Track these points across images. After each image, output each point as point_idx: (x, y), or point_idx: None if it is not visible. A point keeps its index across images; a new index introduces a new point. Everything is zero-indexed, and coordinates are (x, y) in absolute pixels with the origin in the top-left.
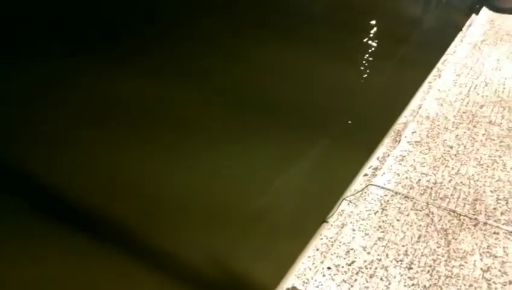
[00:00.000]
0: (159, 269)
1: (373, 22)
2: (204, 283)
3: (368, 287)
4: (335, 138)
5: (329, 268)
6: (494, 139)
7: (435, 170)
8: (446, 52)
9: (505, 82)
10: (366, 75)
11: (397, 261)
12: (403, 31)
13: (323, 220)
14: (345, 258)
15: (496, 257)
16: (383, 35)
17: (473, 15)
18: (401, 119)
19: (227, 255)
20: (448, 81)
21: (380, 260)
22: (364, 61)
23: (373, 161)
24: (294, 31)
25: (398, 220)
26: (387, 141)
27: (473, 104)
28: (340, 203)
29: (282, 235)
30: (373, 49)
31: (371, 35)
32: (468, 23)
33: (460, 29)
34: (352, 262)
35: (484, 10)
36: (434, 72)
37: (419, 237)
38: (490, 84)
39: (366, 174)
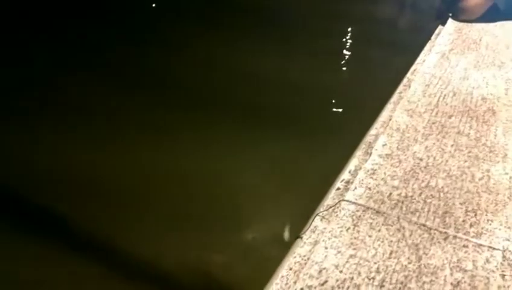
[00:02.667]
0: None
1: (345, 27)
2: None
3: None
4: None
5: (302, 289)
6: (462, 150)
7: (405, 183)
8: (415, 62)
9: (472, 91)
10: (336, 82)
11: (369, 279)
12: (374, 36)
13: (297, 235)
14: (317, 278)
15: (465, 271)
16: (354, 40)
17: (439, 25)
18: (372, 131)
19: (196, 273)
20: (418, 91)
21: (352, 278)
22: (335, 68)
23: (345, 174)
24: (264, 33)
25: (369, 236)
26: (358, 153)
27: (442, 114)
28: (313, 219)
29: (256, 250)
30: (345, 55)
31: (343, 39)
32: (436, 32)
33: (430, 38)
34: (325, 282)
35: (450, 20)
36: (404, 82)
37: (390, 253)
38: (458, 94)
39: (338, 188)
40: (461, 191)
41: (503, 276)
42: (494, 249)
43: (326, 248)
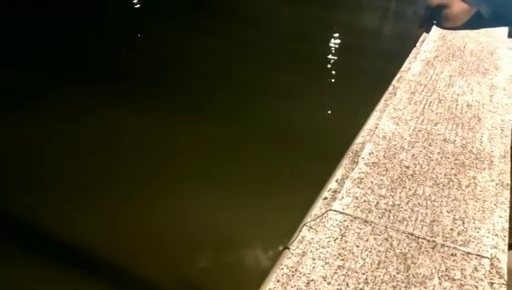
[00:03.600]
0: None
1: (330, 35)
2: None
3: None
4: (293, 154)
5: None
6: (449, 157)
7: (392, 191)
8: (401, 69)
9: (457, 98)
10: (321, 88)
11: None
12: (360, 44)
13: (285, 246)
14: None
15: (454, 279)
16: (340, 49)
17: (424, 33)
18: (359, 139)
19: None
20: (404, 99)
21: None
22: (322, 76)
23: (332, 184)
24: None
25: (357, 246)
26: (345, 162)
27: (428, 121)
28: (300, 229)
29: (244, 262)
30: (330, 62)
31: (328, 47)
32: (421, 39)
33: (415, 45)
34: None
35: (435, 27)
36: (390, 89)
37: (378, 263)
38: (444, 101)
39: (325, 198)
40: (448, 199)
41: (491, 284)
42: (482, 257)
43: (313, 259)
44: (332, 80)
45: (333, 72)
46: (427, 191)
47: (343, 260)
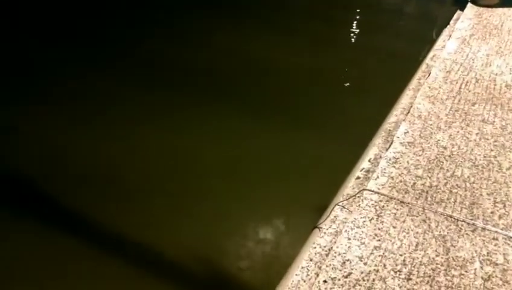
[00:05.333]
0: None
1: (353, 14)
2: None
3: None
4: (319, 133)
5: (325, 282)
6: (488, 139)
7: (429, 172)
8: (434, 48)
9: (495, 78)
10: (347, 69)
11: (395, 272)
12: (385, 23)
13: (314, 225)
14: (341, 270)
15: (496, 264)
16: (364, 27)
17: (458, 11)
18: (392, 118)
19: (215, 261)
20: (439, 78)
21: (377, 271)
22: (345, 55)
23: (364, 163)
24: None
25: (394, 227)
26: (378, 141)
27: (465, 101)
28: (332, 209)
29: (272, 239)
30: (353, 41)
31: (351, 27)
32: (455, 17)
33: (448, 23)
34: (349, 274)
35: (470, 5)
36: (423, 68)
37: (416, 245)
38: (481, 81)
39: (358, 177)
40: (488, 182)
41: None
42: None
43: (349, 238)
44: (360, 60)
45: (360, 52)
46: (466, 173)
47: (379, 240)
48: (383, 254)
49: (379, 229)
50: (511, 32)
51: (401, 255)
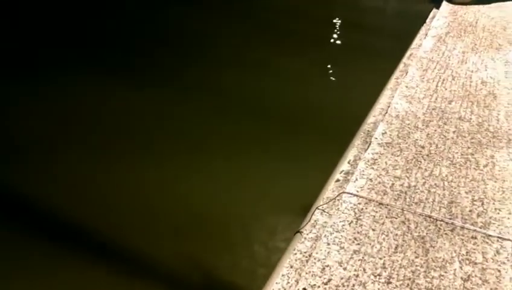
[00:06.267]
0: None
1: (334, 13)
2: None
3: None
4: (300, 136)
5: (304, 289)
6: (465, 136)
7: (408, 172)
8: (411, 46)
9: (471, 75)
10: (329, 69)
11: (375, 276)
12: (365, 21)
13: (296, 230)
14: (320, 277)
15: (475, 263)
16: (344, 26)
17: (434, 9)
18: (370, 118)
19: (200, 267)
20: (416, 76)
21: (357, 275)
22: (327, 55)
23: (344, 165)
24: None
25: (373, 230)
26: (357, 142)
27: (442, 99)
28: (313, 213)
29: (255, 245)
30: (336, 41)
31: (334, 26)
32: (431, 15)
33: (424, 21)
34: (329, 280)
35: (445, 3)
36: (400, 67)
37: (396, 248)
38: (457, 78)
39: (338, 180)
40: (466, 180)
41: None
42: (503, 239)
43: (328, 243)
44: (339, 59)
45: (340, 51)
46: (444, 172)
47: (358, 244)
48: (363, 258)
49: (358, 232)
50: (486, 29)
51: (380, 258)
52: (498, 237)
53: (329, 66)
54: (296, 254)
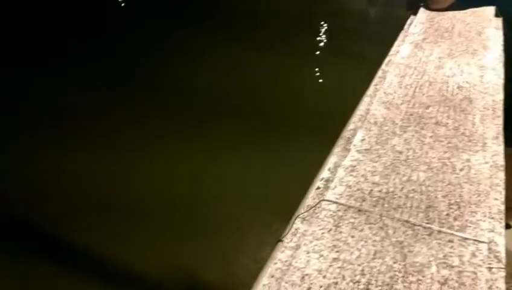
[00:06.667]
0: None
1: (318, 19)
2: None
3: None
4: (281, 144)
5: None
6: (442, 141)
7: (386, 178)
8: (389, 53)
9: (448, 80)
10: (312, 75)
11: (354, 283)
12: (347, 28)
13: (278, 239)
14: (300, 286)
15: (452, 267)
16: (327, 32)
17: (412, 15)
18: (350, 125)
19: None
20: (394, 83)
21: (336, 283)
22: (309, 60)
23: (324, 173)
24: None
25: (352, 236)
26: (337, 150)
27: (419, 105)
28: (293, 221)
29: (239, 255)
30: (319, 47)
31: (318, 33)
32: (409, 21)
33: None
34: (308, 289)
35: (422, 9)
36: (379, 73)
37: (375, 254)
38: (434, 84)
39: (318, 188)
40: (443, 184)
41: (489, 269)
42: (479, 241)
43: (308, 252)
44: (321, 66)
45: (322, 57)
46: (421, 177)
47: (338, 251)
48: (342, 265)
49: (337, 239)
50: (461, 34)
51: (359, 265)
52: (474, 240)
53: (311, 71)
54: (276, 263)
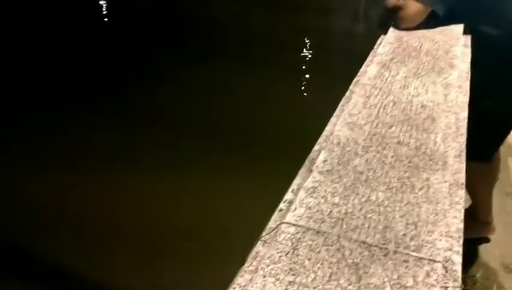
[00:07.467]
0: None
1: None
2: None
3: None
4: (252, 163)
5: None
6: (403, 160)
7: (345, 199)
8: (358, 74)
9: (412, 100)
10: (290, 94)
11: None
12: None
13: (242, 263)
14: None
15: (406, 287)
16: (303, 52)
17: (382, 35)
18: (316, 146)
19: None
20: (359, 103)
21: None
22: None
23: (288, 194)
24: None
25: (309, 259)
26: (302, 171)
27: (382, 125)
28: (255, 244)
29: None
30: (296, 65)
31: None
32: (379, 41)
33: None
34: None
35: (391, 29)
36: (347, 94)
37: (330, 276)
38: (398, 103)
39: (281, 210)
40: (401, 204)
41: (445, 288)
42: (434, 261)
43: (264, 276)
44: (293, 85)
45: (303, 77)
46: (380, 197)
47: (294, 275)
48: (297, 288)
49: (294, 262)
50: (429, 53)
51: (314, 287)
52: (429, 260)
53: (285, 90)
54: (235, 288)
